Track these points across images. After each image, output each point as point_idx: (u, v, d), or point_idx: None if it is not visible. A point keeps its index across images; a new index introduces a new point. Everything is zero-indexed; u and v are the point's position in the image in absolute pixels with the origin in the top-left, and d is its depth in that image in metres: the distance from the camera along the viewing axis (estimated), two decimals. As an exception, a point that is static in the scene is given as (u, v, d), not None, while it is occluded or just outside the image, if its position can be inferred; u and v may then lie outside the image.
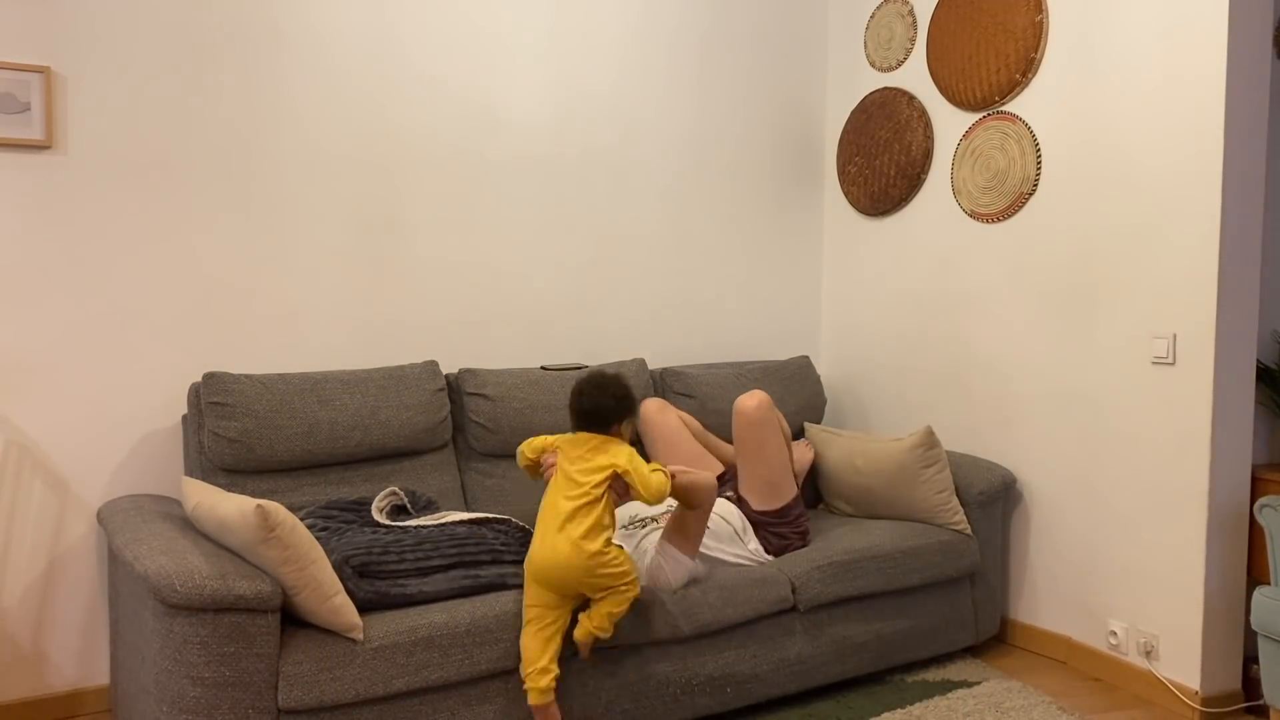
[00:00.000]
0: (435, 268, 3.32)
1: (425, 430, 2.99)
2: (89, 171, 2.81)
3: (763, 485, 2.92)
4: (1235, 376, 2.80)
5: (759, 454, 2.90)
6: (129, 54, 2.85)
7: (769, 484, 2.91)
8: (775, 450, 2.91)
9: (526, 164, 3.46)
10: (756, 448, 2.90)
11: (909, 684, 3.01)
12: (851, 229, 4.00)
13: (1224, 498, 2.81)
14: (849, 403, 4.02)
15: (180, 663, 2.05)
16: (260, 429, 2.74)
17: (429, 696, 2.29)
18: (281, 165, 3.07)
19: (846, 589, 2.88)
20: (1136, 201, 2.95)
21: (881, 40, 3.83)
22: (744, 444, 2.92)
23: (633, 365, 3.43)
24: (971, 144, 3.45)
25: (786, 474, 2.95)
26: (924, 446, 3.15)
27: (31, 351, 2.76)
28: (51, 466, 2.80)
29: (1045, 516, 3.28)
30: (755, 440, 2.89)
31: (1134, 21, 2.94)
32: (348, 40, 3.14)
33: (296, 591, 2.13)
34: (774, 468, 2.91)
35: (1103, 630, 3.10)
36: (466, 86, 3.35)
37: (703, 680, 2.65)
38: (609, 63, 3.60)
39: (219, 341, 3.01)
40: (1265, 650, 2.57)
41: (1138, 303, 2.95)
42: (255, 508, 2.07)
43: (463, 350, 3.38)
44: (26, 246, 2.75)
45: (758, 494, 2.93)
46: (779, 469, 2.92)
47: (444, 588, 2.37)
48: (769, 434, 2.89)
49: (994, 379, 3.43)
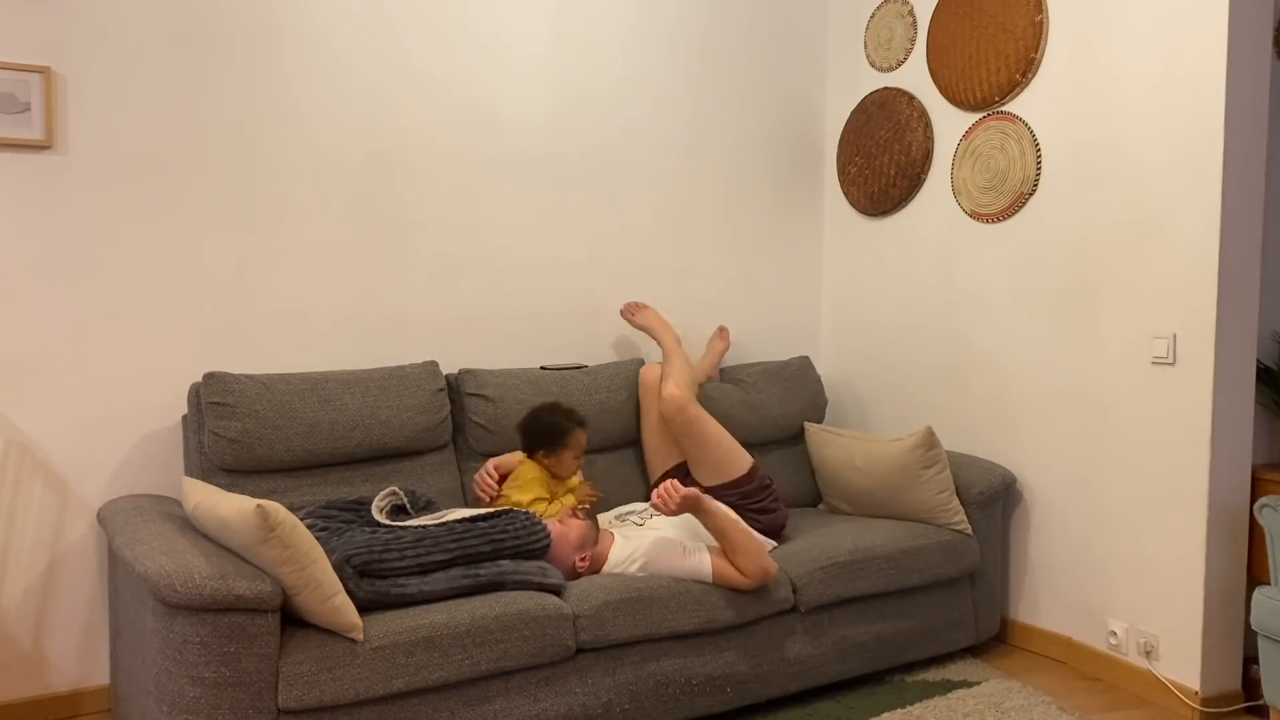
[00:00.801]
0: (435, 267, 3.32)
1: (425, 430, 2.99)
2: (89, 172, 2.81)
3: (714, 466, 3.03)
4: (1235, 376, 2.80)
5: (699, 437, 3.01)
6: (129, 54, 2.85)
7: (719, 462, 3.02)
8: (713, 430, 3.03)
9: (526, 163, 3.46)
10: (697, 439, 3.01)
11: (909, 684, 3.01)
12: (851, 229, 4.00)
13: (1224, 498, 2.81)
14: (849, 403, 4.02)
15: (180, 663, 2.05)
16: (260, 429, 2.74)
17: (429, 696, 2.29)
18: (282, 165, 3.07)
19: (847, 589, 2.88)
20: (1136, 201, 2.95)
21: (881, 40, 3.83)
22: (682, 435, 3.04)
23: (632, 366, 3.43)
24: (971, 144, 3.45)
25: (731, 446, 3.05)
26: (924, 447, 3.15)
27: (31, 351, 2.77)
28: (51, 466, 2.80)
29: (1045, 516, 3.28)
30: (693, 434, 3.01)
31: (1134, 21, 2.94)
32: (348, 39, 3.14)
33: (296, 591, 2.13)
34: (717, 447, 3.02)
35: (1103, 630, 3.10)
36: (467, 86, 3.35)
37: (703, 680, 2.65)
38: (609, 63, 3.60)
39: (219, 341, 3.01)
40: (1265, 650, 2.57)
41: (1138, 303, 2.95)
42: (255, 507, 2.07)
43: (463, 350, 3.38)
44: (26, 246, 2.75)
45: (712, 475, 3.03)
46: (723, 445, 3.03)
47: (444, 587, 2.37)
48: (701, 422, 3.02)
49: (994, 379, 3.43)
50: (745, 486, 2.99)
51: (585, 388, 3.27)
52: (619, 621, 2.50)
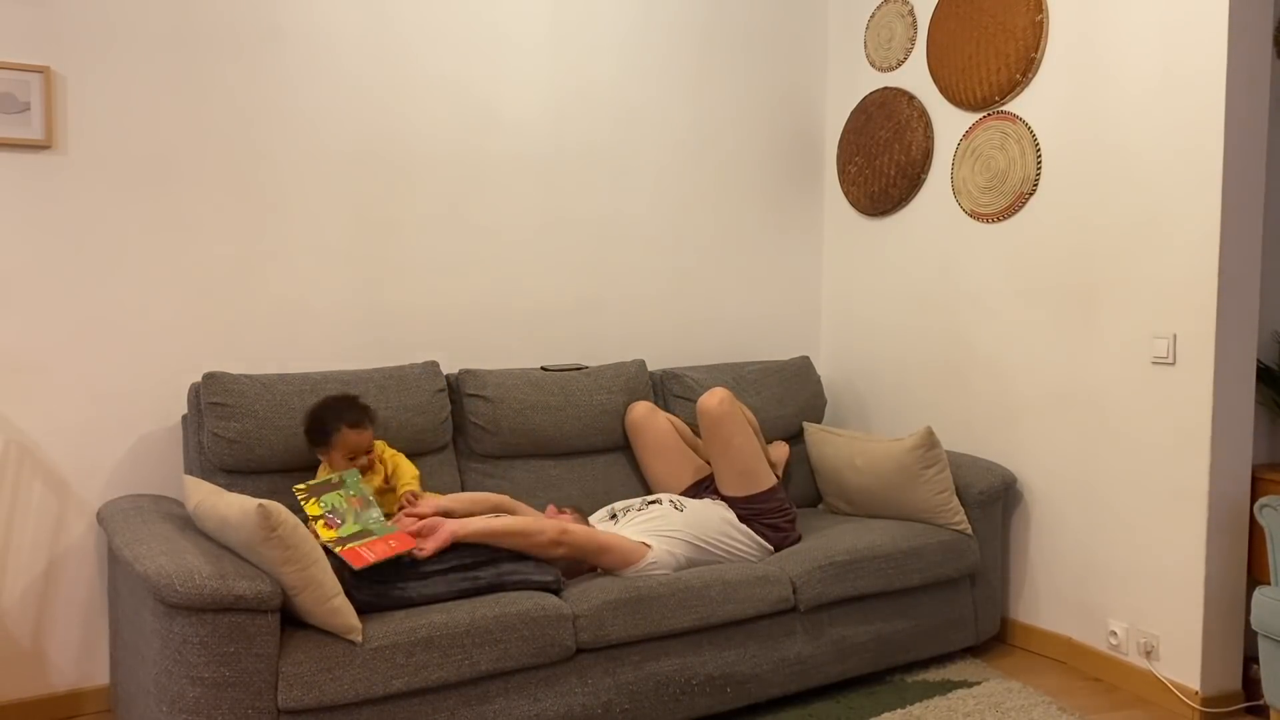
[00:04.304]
0: (435, 267, 3.32)
1: (426, 431, 2.99)
2: (89, 171, 2.81)
3: (738, 477, 3.00)
4: (1235, 376, 2.80)
5: (728, 448, 2.99)
6: (129, 54, 2.85)
7: (743, 474, 3.00)
8: (743, 441, 3.00)
9: (526, 162, 3.46)
10: (724, 443, 2.99)
11: (909, 684, 3.01)
12: (851, 229, 4.00)
13: (1224, 498, 2.81)
14: (849, 403, 4.02)
15: (180, 663, 2.05)
16: (260, 429, 2.74)
17: (429, 697, 2.29)
18: (282, 164, 3.07)
19: (847, 589, 2.88)
20: (1137, 201, 2.95)
21: (881, 40, 3.83)
22: (712, 441, 3.02)
23: (632, 366, 3.43)
24: (971, 144, 3.45)
25: (759, 463, 3.02)
26: (924, 447, 3.15)
27: (31, 351, 2.77)
28: (51, 466, 2.80)
29: (1045, 516, 3.28)
30: (722, 436, 2.99)
31: (1134, 21, 2.94)
32: (348, 38, 3.14)
33: (297, 592, 2.13)
34: (746, 458, 3.00)
35: (1103, 630, 3.10)
36: (467, 85, 3.34)
37: (702, 680, 2.65)
38: (610, 62, 3.60)
39: (219, 341, 3.01)
40: (1265, 650, 2.57)
41: (1138, 302, 2.95)
42: (257, 507, 2.07)
43: (463, 350, 3.38)
44: (26, 246, 2.75)
45: (734, 485, 3.00)
46: (751, 458, 3.01)
47: (442, 590, 2.37)
48: (734, 427, 2.99)
49: (994, 379, 3.43)
50: (762, 504, 2.99)
51: (585, 388, 3.27)
52: (618, 621, 2.50)
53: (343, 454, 2.66)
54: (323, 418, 2.69)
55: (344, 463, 2.66)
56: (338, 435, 2.66)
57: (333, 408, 2.71)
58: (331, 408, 2.71)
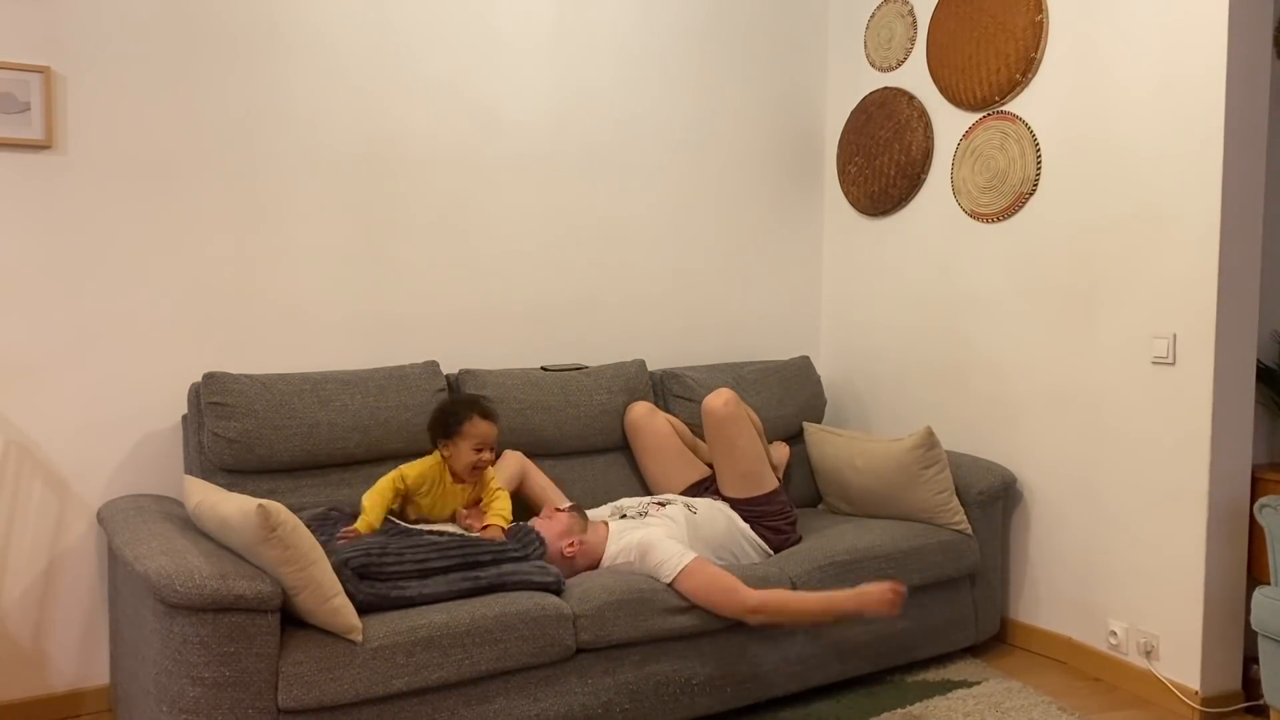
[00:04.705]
0: (435, 267, 3.32)
1: (426, 431, 2.99)
2: (89, 171, 2.81)
3: (740, 478, 3.01)
4: (1235, 376, 2.80)
5: (732, 449, 3.00)
6: (129, 54, 2.85)
7: (746, 475, 3.01)
8: (747, 443, 3.01)
9: (526, 163, 3.46)
10: (729, 444, 3.00)
11: (909, 684, 3.01)
12: (851, 229, 4.00)
13: (1224, 498, 2.81)
14: (849, 403, 4.02)
15: (180, 663, 2.05)
16: (260, 429, 2.74)
17: (429, 696, 2.29)
18: (282, 164, 3.07)
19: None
20: (1136, 201, 2.95)
21: (881, 40, 3.83)
22: (716, 442, 3.03)
23: (632, 366, 3.43)
24: (971, 144, 3.45)
25: (763, 465, 3.04)
26: (924, 447, 3.15)
27: (31, 351, 2.76)
28: (51, 466, 2.80)
29: (1045, 516, 3.28)
30: (726, 437, 3.00)
31: (1134, 21, 2.94)
32: (348, 39, 3.14)
33: (297, 592, 2.12)
34: (749, 459, 3.01)
35: (1103, 630, 3.10)
36: (467, 86, 3.35)
37: (703, 680, 2.65)
38: (609, 62, 3.60)
39: (219, 341, 3.01)
40: (1265, 650, 2.57)
41: (1137, 302, 2.95)
42: (257, 507, 2.07)
43: (463, 350, 3.38)
44: (26, 246, 2.75)
45: (736, 487, 3.02)
46: (754, 460, 3.02)
47: (444, 589, 2.37)
48: (739, 429, 3.00)
49: (994, 379, 3.43)
50: (764, 506, 3.00)
51: (585, 388, 3.27)
52: (619, 621, 2.50)
53: (471, 444, 2.70)
54: (454, 408, 2.77)
55: (470, 454, 2.69)
56: (469, 423, 2.71)
57: (464, 399, 2.83)
58: (463, 399, 2.84)
